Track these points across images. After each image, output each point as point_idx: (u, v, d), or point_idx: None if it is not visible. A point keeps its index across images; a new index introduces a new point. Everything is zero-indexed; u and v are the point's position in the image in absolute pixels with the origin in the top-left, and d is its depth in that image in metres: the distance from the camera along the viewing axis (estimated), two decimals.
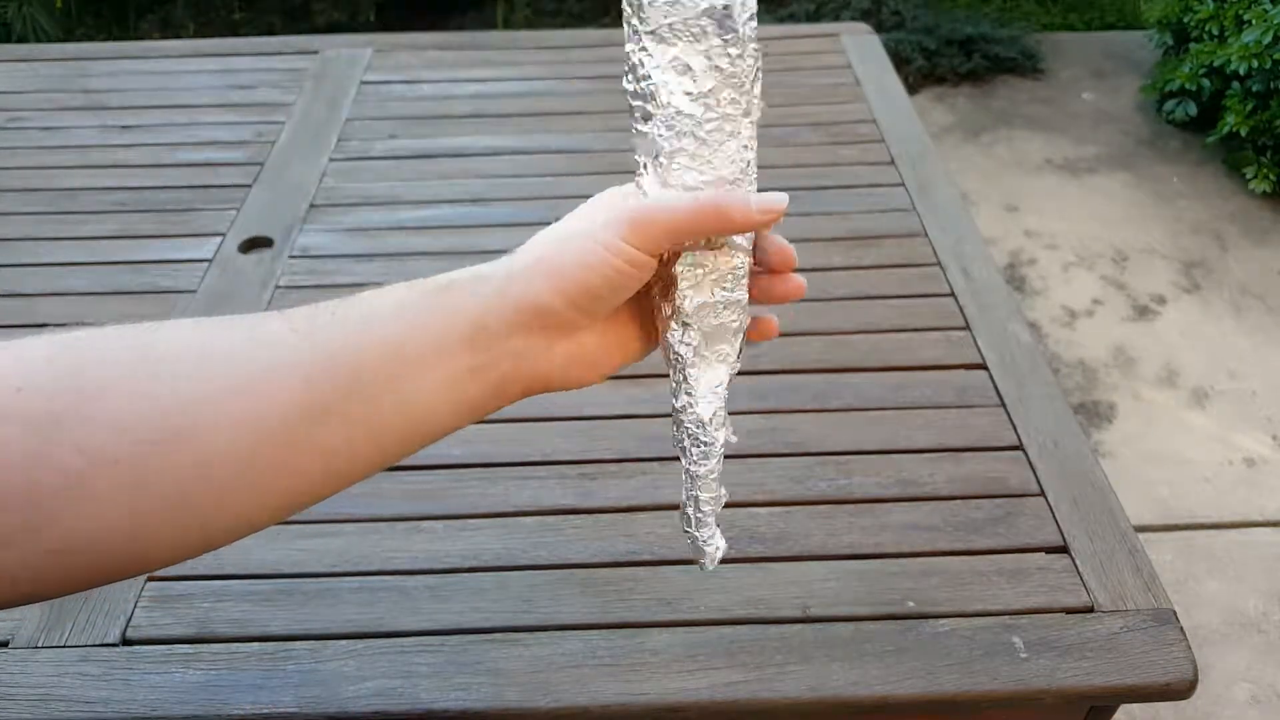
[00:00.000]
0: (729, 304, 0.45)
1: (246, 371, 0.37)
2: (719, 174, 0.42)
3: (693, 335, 0.45)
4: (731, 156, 0.42)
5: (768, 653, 0.69)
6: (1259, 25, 2.33)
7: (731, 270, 0.45)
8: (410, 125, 1.32)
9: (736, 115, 0.42)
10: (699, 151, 0.42)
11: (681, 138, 0.42)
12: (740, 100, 0.42)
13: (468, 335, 0.40)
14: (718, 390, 0.47)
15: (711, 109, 0.41)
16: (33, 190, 1.20)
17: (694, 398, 0.47)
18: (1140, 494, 1.73)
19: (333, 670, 0.68)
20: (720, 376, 0.47)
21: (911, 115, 1.32)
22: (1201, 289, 2.21)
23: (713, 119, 0.42)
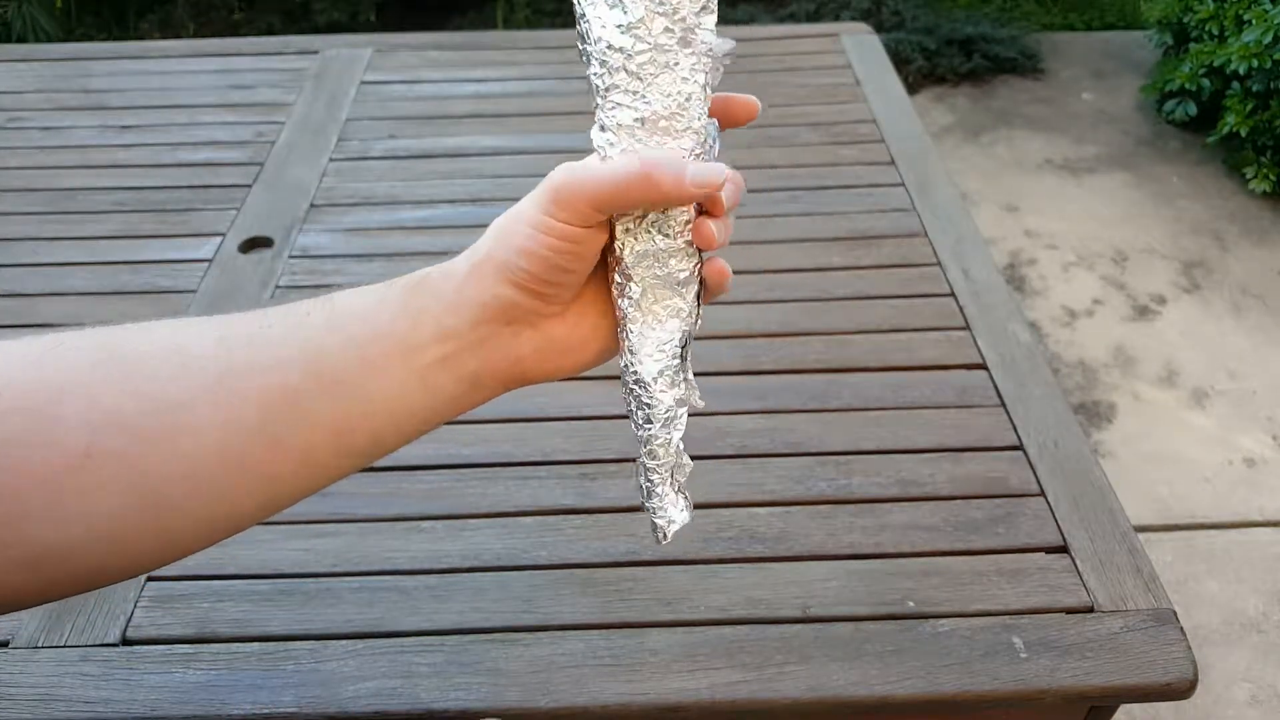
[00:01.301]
0: (673, 252, 0.42)
1: (218, 374, 0.37)
2: (653, 109, 0.40)
3: (634, 288, 0.43)
4: (666, 90, 0.40)
5: (768, 653, 0.69)
6: (1259, 25, 2.33)
7: (672, 215, 0.42)
8: (410, 125, 1.32)
9: (671, 45, 0.39)
10: (632, 86, 0.40)
11: (614, 73, 0.39)
12: (675, 29, 0.39)
13: (434, 335, 0.40)
14: (665, 348, 0.44)
15: (642, 39, 0.39)
16: (33, 190, 1.20)
17: (636, 356, 0.44)
18: (1140, 494, 1.73)
19: (333, 670, 0.68)
20: (670, 333, 0.44)
21: (911, 115, 1.32)
22: (1201, 289, 2.21)
23: (643, 50, 0.39)
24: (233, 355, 0.38)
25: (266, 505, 0.40)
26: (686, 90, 0.40)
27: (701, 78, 0.40)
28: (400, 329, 0.40)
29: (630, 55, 0.39)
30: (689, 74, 0.40)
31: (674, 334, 0.44)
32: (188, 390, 0.36)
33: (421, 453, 0.85)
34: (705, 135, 0.41)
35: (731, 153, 1.25)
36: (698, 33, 0.39)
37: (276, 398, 0.38)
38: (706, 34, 0.40)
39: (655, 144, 0.40)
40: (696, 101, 0.40)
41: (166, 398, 0.36)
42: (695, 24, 0.39)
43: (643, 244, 0.42)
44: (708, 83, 0.41)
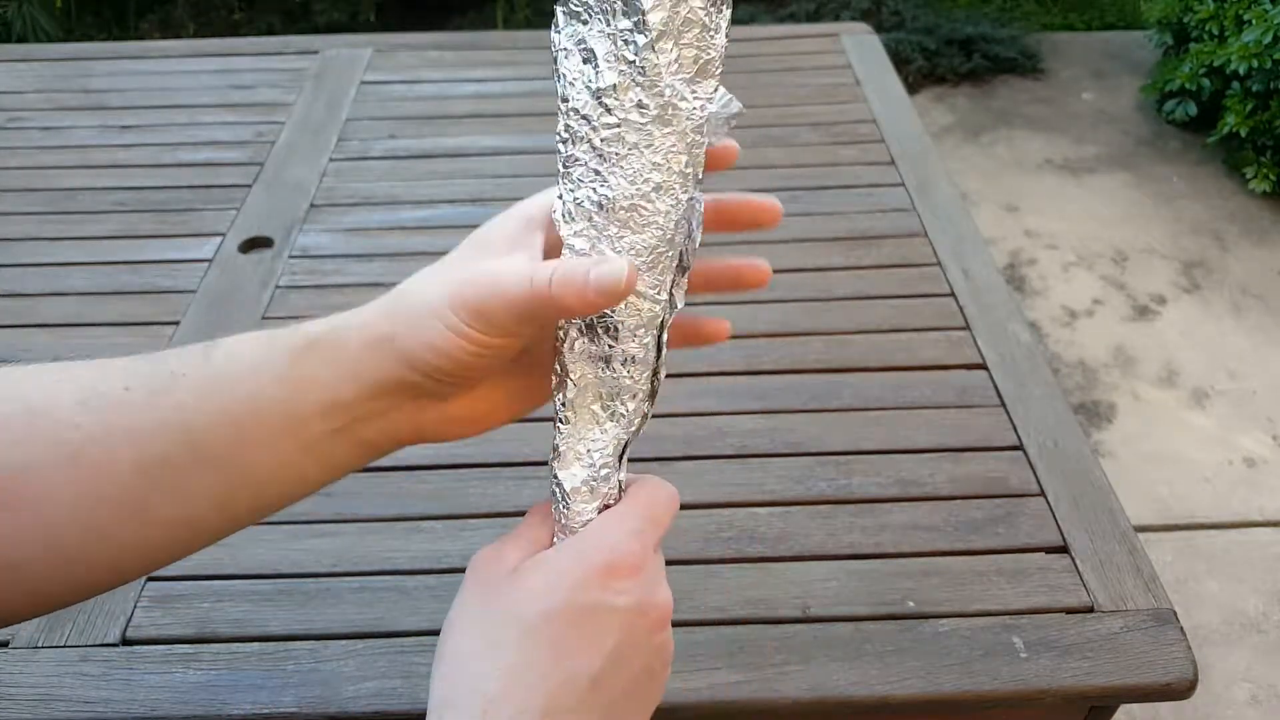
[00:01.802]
0: (624, 357, 0.37)
1: (76, 439, 0.34)
2: (614, 194, 0.34)
3: (570, 388, 0.38)
4: (632, 175, 0.34)
5: (768, 653, 0.69)
6: (1259, 25, 2.33)
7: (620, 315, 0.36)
8: (410, 125, 1.32)
9: (645, 124, 0.33)
10: (594, 164, 0.34)
11: (577, 143, 0.34)
12: (649, 104, 0.33)
13: (322, 407, 0.37)
14: (595, 456, 0.39)
15: (611, 112, 0.33)
16: (33, 190, 1.20)
17: (560, 459, 0.39)
18: (1140, 494, 1.73)
19: (333, 670, 0.68)
20: (606, 440, 0.39)
21: (911, 115, 1.32)
22: (1201, 289, 2.21)
23: (610, 124, 0.33)
24: (94, 421, 0.34)
25: (137, 570, 0.37)
26: (656, 179, 0.34)
27: (683, 161, 0.35)
28: (283, 398, 0.36)
29: (595, 127, 0.34)
30: (664, 159, 0.34)
31: (610, 442, 0.39)
32: (44, 458, 0.33)
33: (422, 453, 0.84)
34: (673, 231, 0.36)
35: None
36: (682, 106, 0.34)
37: (148, 470, 0.34)
38: (698, 105, 0.34)
39: (613, 234, 0.35)
40: (669, 192, 0.35)
41: (23, 463, 0.33)
42: (680, 96, 0.34)
43: (582, 345, 0.37)
44: (693, 164, 0.35)
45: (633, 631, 0.36)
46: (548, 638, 0.34)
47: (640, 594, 0.37)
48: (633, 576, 0.36)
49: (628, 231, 0.35)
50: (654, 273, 0.36)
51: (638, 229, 0.35)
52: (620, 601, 0.36)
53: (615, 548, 0.37)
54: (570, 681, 0.34)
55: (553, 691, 0.34)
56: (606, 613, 0.35)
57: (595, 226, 0.35)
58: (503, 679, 0.34)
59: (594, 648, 0.35)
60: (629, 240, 0.35)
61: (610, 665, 0.35)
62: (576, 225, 0.36)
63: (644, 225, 0.35)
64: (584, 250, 0.36)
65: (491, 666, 0.34)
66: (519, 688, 0.34)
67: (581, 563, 0.36)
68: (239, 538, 0.80)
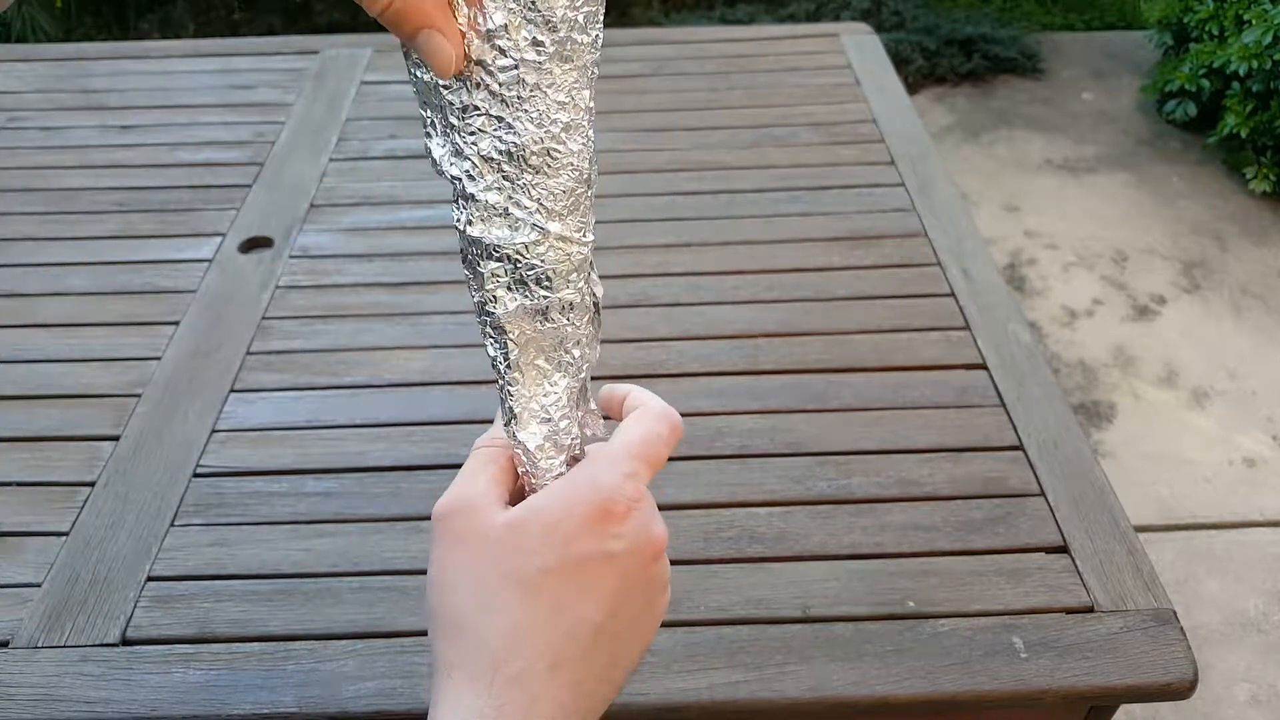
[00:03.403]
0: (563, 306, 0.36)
1: None
2: (523, 140, 0.33)
3: (511, 349, 0.36)
4: (539, 118, 0.32)
5: (768, 653, 0.69)
6: (1259, 25, 2.33)
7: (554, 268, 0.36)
8: (410, 125, 1.32)
9: (543, 62, 0.32)
10: (495, 111, 0.32)
11: (473, 91, 0.32)
12: (545, 40, 0.31)
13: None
14: (552, 410, 0.38)
15: (506, 53, 0.31)
16: (33, 190, 1.20)
17: (517, 421, 0.38)
18: (1140, 494, 1.73)
19: (333, 670, 0.68)
20: (558, 393, 0.38)
21: (911, 115, 1.32)
22: (1201, 289, 2.21)
23: (506, 66, 0.31)
24: None
25: None
26: (564, 119, 0.33)
27: (586, 95, 0.33)
28: None
29: (490, 71, 0.32)
30: (568, 96, 0.33)
31: (562, 393, 0.38)
32: None
33: (422, 453, 0.85)
34: (588, 169, 0.35)
35: (733, 153, 1.25)
36: (581, 39, 0.32)
37: None
38: (594, 35, 0.32)
39: (528, 182, 0.34)
40: (579, 130, 0.33)
41: None
42: (577, 28, 0.32)
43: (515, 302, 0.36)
44: (593, 95, 0.34)
45: (630, 573, 0.36)
46: (549, 594, 0.35)
47: (634, 536, 0.36)
48: (626, 520, 0.36)
49: (542, 177, 0.34)
50: (576, 215, 0.35)
51: (552, 173, 0.34)
52: (616, 546, 0.36)
53: (607, 494, 0.36)
54: (574, 632, 0.35)
55: (558, 644, 0.34)
56: (604, 560, 0.35)
57: (507, 177, 0.34)
58: (509, 638, 0.34)
59: (595, 596, 0.35)
60: (546, 186, 0.34)
61: (611, 609, 0.36)
62: (487, 179, 0.34)
63: (559, 169, 0.34)
64: (499, 207, 0.34)
65: (497, 627, 0.34)
66: (525, 645, 0.34)
67: (574, 514, 0.36)
68: (239, 537, 0.80)
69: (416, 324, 0.99)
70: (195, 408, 0.89)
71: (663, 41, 1.55)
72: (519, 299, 0.36)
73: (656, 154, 1.25)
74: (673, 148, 1.26)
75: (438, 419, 0.88)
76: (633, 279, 1.04)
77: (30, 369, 0.93)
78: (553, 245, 0.35)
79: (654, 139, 1.28)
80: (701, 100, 1.34)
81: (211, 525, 0.79)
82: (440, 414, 0.89)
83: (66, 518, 0.79)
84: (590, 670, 0.35)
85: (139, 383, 0.92)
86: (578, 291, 0.36)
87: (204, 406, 0.89)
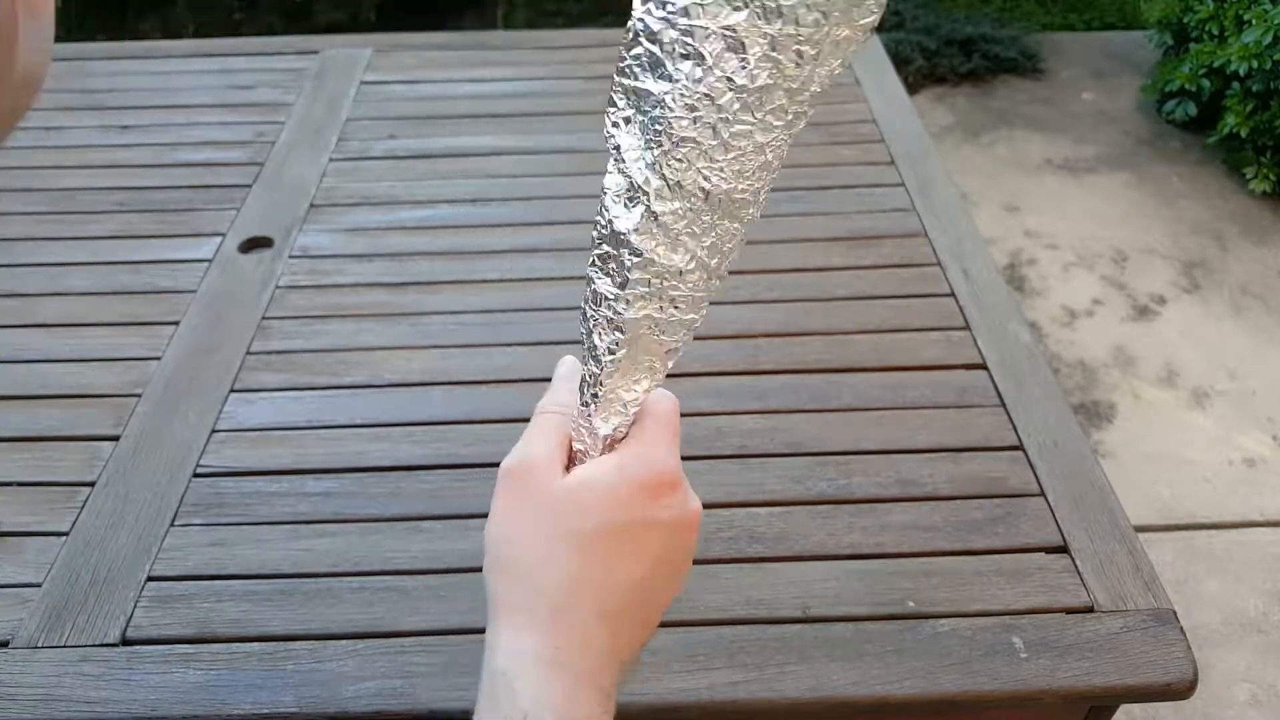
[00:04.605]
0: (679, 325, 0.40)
1: None
2: (728, 186, 0.34)
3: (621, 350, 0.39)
4: (748, 171, 0.33)
5: (768, 653, 0.69)
6: (1259, 25, 2.33)
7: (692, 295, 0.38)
8: (410, 125, 1.32)
9: (778, 126, 0.32)
10: (714, 153, 0.33)
11: (699, 128, 0.32)
12: (790, 109, 0.32)
13: None
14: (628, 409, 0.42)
15: (749, 109, 0.32)
16: (33, 190, 1.20)
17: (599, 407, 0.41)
18: (1140, 494, 1.73)
19: (333, 670, 0.68)
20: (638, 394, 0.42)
21: (911, 115, 1.32)
22: (1201, 289, 2.21)
23: (743, 123, 0.32)
24: None
25: None
26: (764, 177, 0.34)
27: (782, 157, 0.34)
28: None
29: (727, 118, 0.32)
30: (774, 156, 0.34)
31: (643, 394, 0.42)
32: None
33: (422, 453, 0.85)
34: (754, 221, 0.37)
35: None
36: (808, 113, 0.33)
37: None
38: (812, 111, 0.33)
39: (709, 221, 0.35)
40: (767, 187, 0.35)
41: None
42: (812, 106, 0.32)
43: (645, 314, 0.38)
44: None
45: (671, 539, 0.40)
46: (602, 551, 0.39)
47: (679, 508, 0.40)
48: (674, 492, 0.40)
49: (725, 221, 0.35)
50: (731, 257, 0.38)
51: (735, 218, 0.36)
52: (664, 515, 0.40)
53: (658, 467, 0.40)
54: (621, 586, 0.39)
55: (606, 596, 0.39)
56: (651, 526, 0.40)
57: (694, 210, 0.35)
58: (565, 587, 0.39)
59: (641, 557, 0.39)
60: (724, 228, 0.36)
61: (653, 569, 0.40)
62: (674, 205, 0.34)
63: (740, 216, 0.36)
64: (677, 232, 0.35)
65: (554, 576, 0.39)
66: (579, 594, 0.39)
67: (629, 481, 0.40)
68: (239, 536, 0.80)
69: (416, 324, 0.99)
70: (195, 408, 0.89)
71: None
72: (650, 310, 0.38)
73: None
74: None
75: (438, 419, 0.88)
76: None
77: (30, 369, 0.93)
78: (703, 276, 0.37)
79: None
80: None
81: (211, 525, 0.79)
82: (440, 414, 0.89)
83: (66, 518, 0.79)
84: (631, 620, 0.40)
85: (139, 383, 0.92)
86: (699, 318, 0.40)
87: (204, 406, 0.89)
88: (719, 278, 0.38)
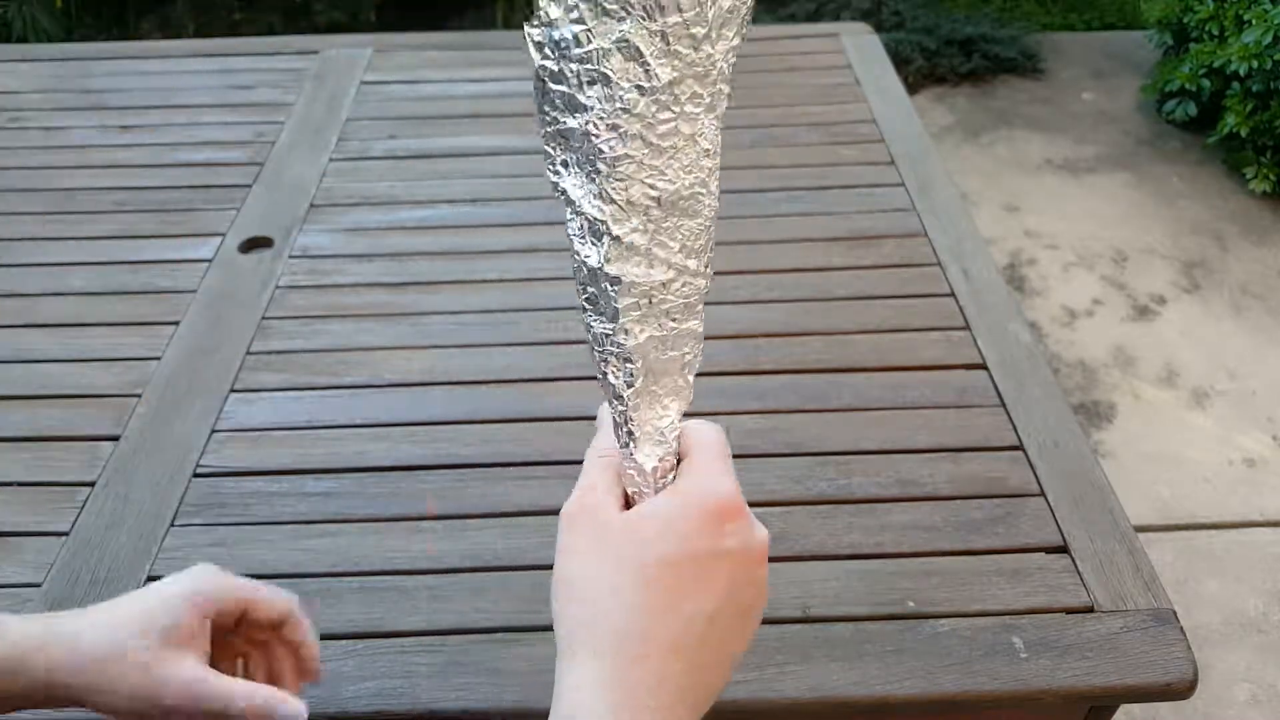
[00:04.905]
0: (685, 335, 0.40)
1: None
2: (675, 186, 0.35)
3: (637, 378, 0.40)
4: (689, 165, 0.35)
5: (768, 653, 0.69)
6: (1259, 25, 2.33)
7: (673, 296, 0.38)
8: (410, 125, 1.32)
9: (699, 113, 0.34)
10: (650, 160, 0.34)
11: (628, 141, 0.33)
12: (704, 94, 0.33)
13: None
14: (666, 434, 0.42)
15: (666, 108, 0.33)
16: (33, 190, 1.20)
17: (636, 444, 0.41)
18: (1140, 494, 1.73)
19: (333, 670, 0.68)
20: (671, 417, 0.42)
21: (911, 115, 1.32)
22: (1201, 289, 2.21)
23: (666, 120, 0.33)
24: None
25: None
26: (708, 165, 0.35)
27: (719, 140, 0.35)
28: None
29: (650, 124, 0.33)
30: (711, 143, 0.35)
31: (675, 416, 0.42)
32: None
33: (422, 453, 0.85)
34: (716, 207, 0.37)
35: (732, 153, 1.25)
36: (725, 90, 0.34)
37: None
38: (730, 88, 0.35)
39: (671, 225, 0.36)
40: (715, 174, 0.36)
41: None
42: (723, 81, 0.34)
43: (645, 333, 0.38)
44: None
45: (740, 570, 0.39)
46: (667, 583, 0.38)
47: (744, 536, 0.39)
48: (738, 519, 0.39)
49: (686, 220, 0.36)
50: (707, 252, 0.38)
51: (695, 214, 0.36)
52: (729, 544, 0.38)
53: (718, 495, 0.39)
54: (691, 620, 0.38)
55: (677, 631, 0.37)
56: (717, 556, 0.38)
57: (653, 220, 0.35)
58: (631, 621, 0.37)
59: (709, 589, 0.38)
60: (689, 227, 0.36)
61: (723, 602, 0.38)
62: (633, 222, 0.35)
63: (698, 211, 0.36)
64: (641, 248, 0.36)
65: (619, 610, 0.38)
66: (646, 628, 0.37)
67: (690, 511, 0.39)
68: (239, 536, 0.79)
69: (416, 324, 0.99)
70: (195, 408, 0.89)
71: None
72: (650, 331, 0.38)
73: None
74: None
75: (438, 419, 0.88)
76: None
77: (30, 369, 0.93)
78: (687, 280, 0.38)
79: None
80: None
81: (211, 525, 0.79)
82: (440, 414, 0.89)
83: (66, 518, 0.79)
84: (705, 658, 0.38)
85: (139, 383, 0.92)
86: (700, 322, 0.40)
87: (204, 406, 0.89)
88: (705, 278, 0.39)
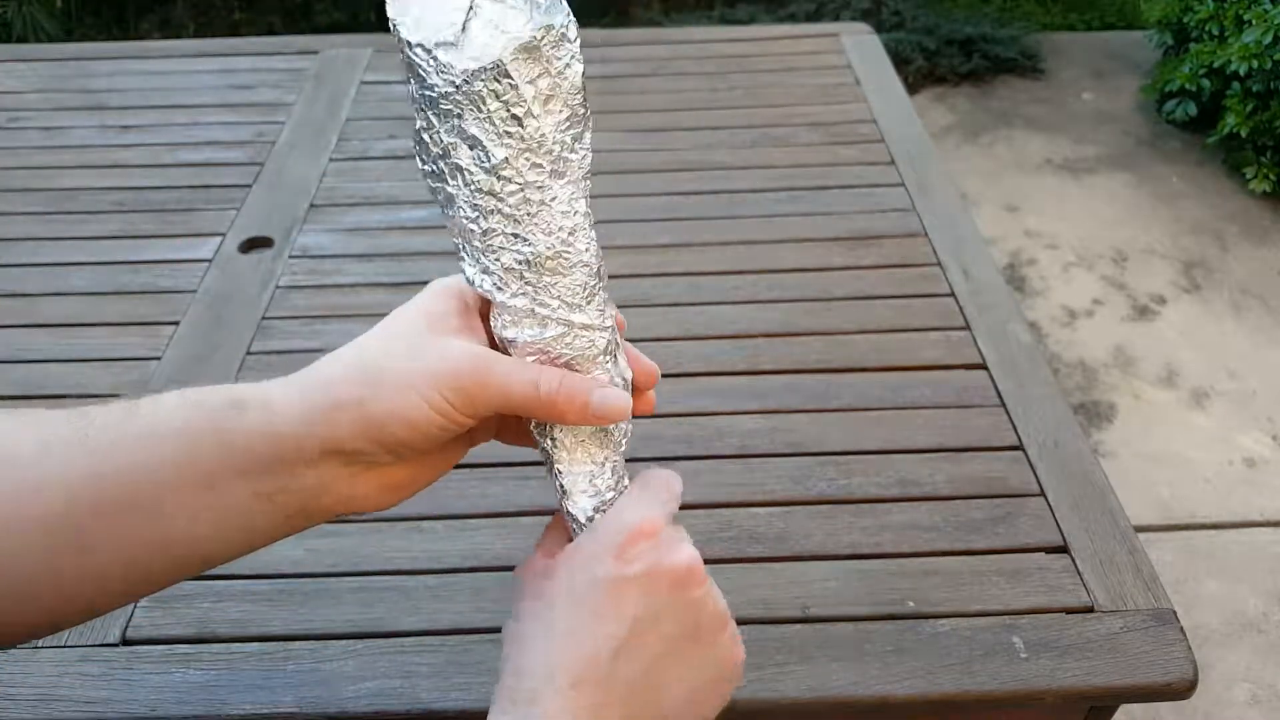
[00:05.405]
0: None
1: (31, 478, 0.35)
2: (538, 249, 0.38)
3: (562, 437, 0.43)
4: (548, 227, 0.38)
5: (768, 653, 0.69)
6: (1259, 25, 2.33)
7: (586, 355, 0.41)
8: (410, 125, 1.32)
9: (544, 180, 0.37)
10: (510, 229, 0.38)
11: (489, 217, 0.38)
12: (543, 163, 0.37)
13: (253, 469, 0.37)
14: (598, 481, 0.43)
15: (510, 181, 0.37)
16: (33, 190, 1.20)
17: (569, 496, 0.43)
18: (1140, 494, 1.73)
19: (333, 670, 0.68)
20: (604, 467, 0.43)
21: (911, 115, 1.32)
22: (1201, 289, 2.21)
23: (513, 191, 0.37)
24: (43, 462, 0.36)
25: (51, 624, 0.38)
26: (569, 225, 0.38)
27: (583, 204, 0.39)
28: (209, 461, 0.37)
29: (500, 198, 0.37)
30: (569, 205, 0.38)
31: (608, 467, 0.43)
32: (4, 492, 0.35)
33: None
34: (597, 263, 0.40)
35: (732, 153, 1.25)
36: (571, 158, 0.38)
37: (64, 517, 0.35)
38: (583, 153, 0.38)
39: (548, 284, 0.39)
40: (582, 232, 0.39)
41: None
42: (566, 150, 0.37)
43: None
44: (588, 203, 0.39)
45: (651, 593, 0.38)
46: (567, 615, 0.38)
47: (652, 558, 0.38)
48: (641, 544, 0.39)
49: (559, 278, 0.39)
50: (594, 305, 0.40)
51: (566, 272, 0.39)
52: (633, 570, 0.38)
53: (623, 522, 0.39)
54: (595, 653, 0.37)
55: (578, 664, 0.37)
56: (619, 582, 0.38)
57: (529, 283, 0.39)
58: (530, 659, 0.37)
59: (613, 617, 0.37)
60: (564, 284, 0.39)
61: (635, 632, 0.38)
62: (513, 287, 0.39)
63: (571, 267, 0.39)
64: (526, 309, 0.39)
65: (523, 650, 0.38)
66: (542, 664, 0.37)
67: (596, 543, 0.39)
68: None
69: None
70: None
71: (662, 41, 1.55)
72: None
73: (656, 154, 1.25)
74: (672, 148, 1.26)
75: None
76: (633, 279, 1.04)
77: (30, 369, 0.93)
78: (578, 334, 0.40)
79: (654, 139, 1.28)
80: (701, 100, 1.34)
81: None
82: None
83: None
84: (615, 695, 0.37)
85: (139, 383, 0.92)
86: (606, 373, 0.41)
87: None
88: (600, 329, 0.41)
